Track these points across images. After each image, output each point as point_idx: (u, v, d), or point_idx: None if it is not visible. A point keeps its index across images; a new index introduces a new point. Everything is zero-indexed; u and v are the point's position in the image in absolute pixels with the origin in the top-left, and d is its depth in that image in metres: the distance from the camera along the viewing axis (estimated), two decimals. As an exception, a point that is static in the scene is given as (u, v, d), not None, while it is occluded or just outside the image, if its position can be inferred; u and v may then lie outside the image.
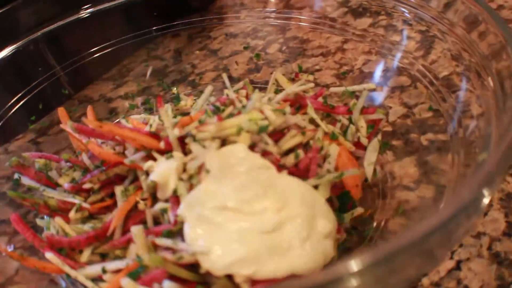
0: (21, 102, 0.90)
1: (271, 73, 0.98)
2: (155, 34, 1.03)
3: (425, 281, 0.66)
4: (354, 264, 0.40)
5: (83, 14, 0.94)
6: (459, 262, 0.68)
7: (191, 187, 0.67)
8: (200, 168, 0.67)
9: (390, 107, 0.86)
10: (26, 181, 0.80)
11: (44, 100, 0.92)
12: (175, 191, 0.67)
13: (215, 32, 1.11)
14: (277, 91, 0.93)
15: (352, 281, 0.40)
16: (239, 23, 1.10)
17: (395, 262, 0.42)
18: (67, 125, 0.79)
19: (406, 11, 0.88)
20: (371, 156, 0.79)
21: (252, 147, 0.71)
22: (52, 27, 0.91)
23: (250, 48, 1.07)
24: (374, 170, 0.78)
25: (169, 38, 1.08)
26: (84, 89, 1.01)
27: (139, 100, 1.00)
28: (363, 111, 0.83)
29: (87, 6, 0.95)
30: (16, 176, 0.80)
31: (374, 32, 0.94)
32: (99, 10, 0.95)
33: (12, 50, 0.88)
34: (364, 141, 0.81)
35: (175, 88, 1.01)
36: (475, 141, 0.66)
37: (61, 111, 0.90)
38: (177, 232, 0.63)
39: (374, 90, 0.88)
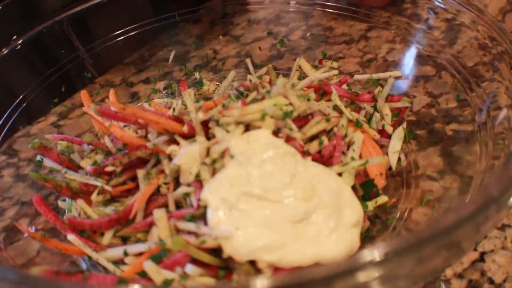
0: (44, 84, 0.90)
1: (294, 60, 0.97)
2: (178, 19, 1.03)
3: (449, 272, 0.65)
4: (378, 253, 0.40)
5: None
6: (483, 254, 0.67)
7: (214, 172, 0.66)
8: (224, 153, 0.67)
9: (414, 97, 0.85)
10: (48, 163, 0.80)
11: (67, 83, 0.92)
12: (198, 175, 0.66)
13: (237, 18, 1.10)
14: (300, 78, 0.92)
15: (377, 270, 0.40)
16: (262, 9, 1.09)
17: (422, 252, 0.42)
18: (90, 108, 0.79)
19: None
20: (396, 144, 0.78)
21: (275, 132, 0.70)
22: (77, 9, 0.91)
23: (273, 34, 1.06)
24: (398, 158, 0.77)
25: (191, 23, 1.07)
26: (106, 73, 1.01)
27: (161, 84, 1.00)
28: (388, 99, 0.82)
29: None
30: (38, 157, 0.80)
31: (399, 20, 0.93)
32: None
33: (37, 31, 0.88)
34: (389, 129, 0.80)
35: (197, 73, 1.01)
36: (504, 132, 0.64)
37: (83, 94, 0.90)
38: (199, 216, 0.63)
39: (399, 78, 0.86)
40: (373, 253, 0.39)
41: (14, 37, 0.85)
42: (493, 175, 0.60)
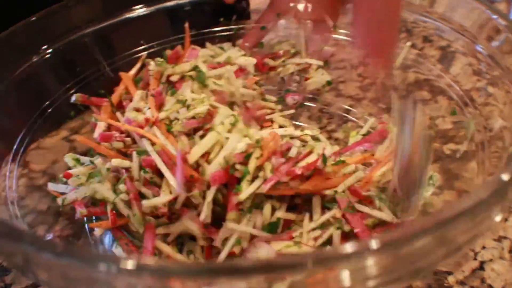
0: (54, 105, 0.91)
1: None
2: (200, 37, 1.04)
3: (451, 279, 0.70)
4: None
5: (132, 15, 0.96)
6: (482, 263, 0.71)
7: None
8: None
9: (414, 119, 0.90)
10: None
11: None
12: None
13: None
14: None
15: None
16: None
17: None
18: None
19: (428, 24, 0.92)
20: None
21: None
22: (100, 25, 0.92)
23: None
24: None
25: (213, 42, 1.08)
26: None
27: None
28: None
29: (139, 6, 0.97)
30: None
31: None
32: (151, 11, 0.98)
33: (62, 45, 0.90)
34: None
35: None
36: (498, 151, 0.69)
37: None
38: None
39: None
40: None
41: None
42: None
